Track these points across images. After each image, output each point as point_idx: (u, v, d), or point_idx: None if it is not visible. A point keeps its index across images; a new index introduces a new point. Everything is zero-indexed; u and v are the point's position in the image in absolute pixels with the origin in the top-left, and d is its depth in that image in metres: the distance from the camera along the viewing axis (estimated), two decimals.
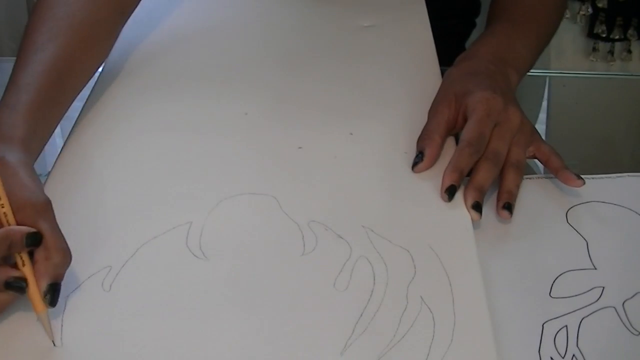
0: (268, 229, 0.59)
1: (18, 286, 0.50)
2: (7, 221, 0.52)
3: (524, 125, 0.68)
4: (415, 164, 0.66)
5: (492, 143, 0.66)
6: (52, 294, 0.51)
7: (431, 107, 0.71)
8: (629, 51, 1.27)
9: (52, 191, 0.61)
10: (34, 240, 0.51)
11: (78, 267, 0.56)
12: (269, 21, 0.88)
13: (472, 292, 0.54)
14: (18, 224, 0.52)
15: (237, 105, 0.73)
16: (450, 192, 0.63)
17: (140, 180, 0.64)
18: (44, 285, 0.51)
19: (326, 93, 0.75)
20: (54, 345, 0.51)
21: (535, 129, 0.70)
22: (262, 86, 0.76)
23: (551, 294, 0.58)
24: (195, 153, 0.67)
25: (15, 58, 0.67)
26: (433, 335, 0.51)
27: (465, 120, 0.68)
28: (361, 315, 0.52)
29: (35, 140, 0.62)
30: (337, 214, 0.61)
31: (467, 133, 0.66)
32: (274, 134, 0.70)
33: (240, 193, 0.62)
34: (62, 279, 0.52)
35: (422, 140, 0.67)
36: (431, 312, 0.53)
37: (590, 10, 1.25)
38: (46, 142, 0.65)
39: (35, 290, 0.51)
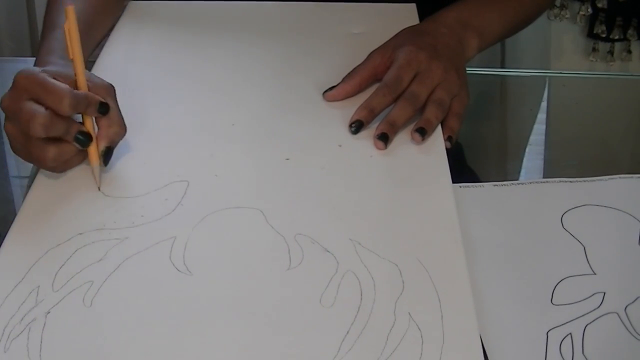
0: (253, 243, 0.58)
1: (84, 140, 0.62)
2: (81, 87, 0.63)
3: (449, 76, 0.71)
4: (326, 92, 0.73)
5: (411, 86, 0.70)
6: (106, 155, 0.64)
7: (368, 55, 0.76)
8: (629, 51, 1.27)
9: (35, 203, 0.61)
10: (104, 109, 0.63)
11: (58, 282, 0.55)
12: (257, 30, 0.87)
13: (461, 308, 0.53)
14: None
15: (224, 115, 0.72)
16: (356, 126, 0.68)
17: (124, 193, 0.63)
18: (103, 146, 0.63)
19: (315, 103, 0.74)
20: (99, 190, 0.63)
21: (467, 87, 0.73)
22: (249, 96, 0.76)
23: (553, 301, 0.57)
24: (180, 164, 0.66)
25: (15, 58, 0.76)
26: (421, 354, 0.50)
27: None
28: (347, 332, 0.51)
29: None
30: (324, 227, 0.60)
31: (385, 77, 0.71)
32: (262, 145, 0.69)
33: (226, 207, 0.61)
34: (115, 145, 0.64)
35: (345, 77, 0.74)
36: (419, 329, 0.52)
37: (590, 10, 1.24)
38: None
39: (94, 148, 0.63)
